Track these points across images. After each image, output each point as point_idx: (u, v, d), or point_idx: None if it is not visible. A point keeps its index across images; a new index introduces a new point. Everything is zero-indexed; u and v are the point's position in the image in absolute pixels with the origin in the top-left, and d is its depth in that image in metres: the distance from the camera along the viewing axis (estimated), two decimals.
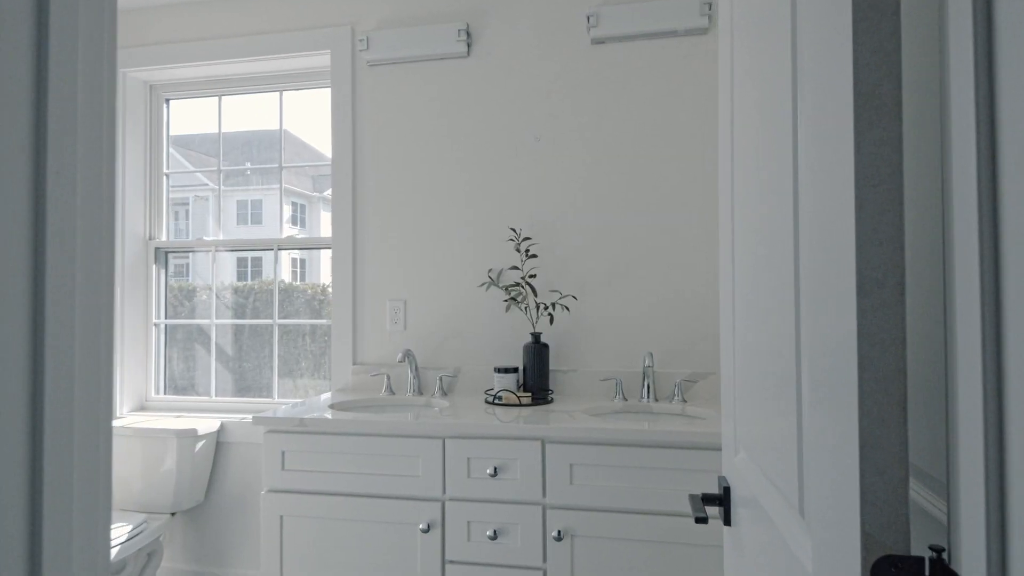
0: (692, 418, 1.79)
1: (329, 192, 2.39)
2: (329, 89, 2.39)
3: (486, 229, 2.20)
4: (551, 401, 1.97)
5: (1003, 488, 0.36)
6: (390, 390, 2.15)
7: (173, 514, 2.28)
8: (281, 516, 1.73)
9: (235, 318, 2.57)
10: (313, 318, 2.51)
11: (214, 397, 2.56)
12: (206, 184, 2.66)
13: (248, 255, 2.61)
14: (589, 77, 2.14)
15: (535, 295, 2.11)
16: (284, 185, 2.55)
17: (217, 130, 2.60)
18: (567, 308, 2.12)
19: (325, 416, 1.76)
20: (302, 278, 2.61)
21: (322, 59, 2.40)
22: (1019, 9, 0.35)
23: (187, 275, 2.65)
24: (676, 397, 1.94)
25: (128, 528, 2.02)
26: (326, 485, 1.71)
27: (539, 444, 1.61)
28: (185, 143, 2.70)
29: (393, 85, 2.29)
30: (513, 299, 2.05)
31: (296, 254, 2.60)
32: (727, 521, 0.95)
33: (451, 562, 1.64)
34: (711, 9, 2.03)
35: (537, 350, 2.00)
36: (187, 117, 2.66)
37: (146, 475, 2.25)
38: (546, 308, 2.08)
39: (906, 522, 0.44)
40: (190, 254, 2.64)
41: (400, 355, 2.07)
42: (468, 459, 1.64)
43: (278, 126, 2.56)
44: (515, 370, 1.98)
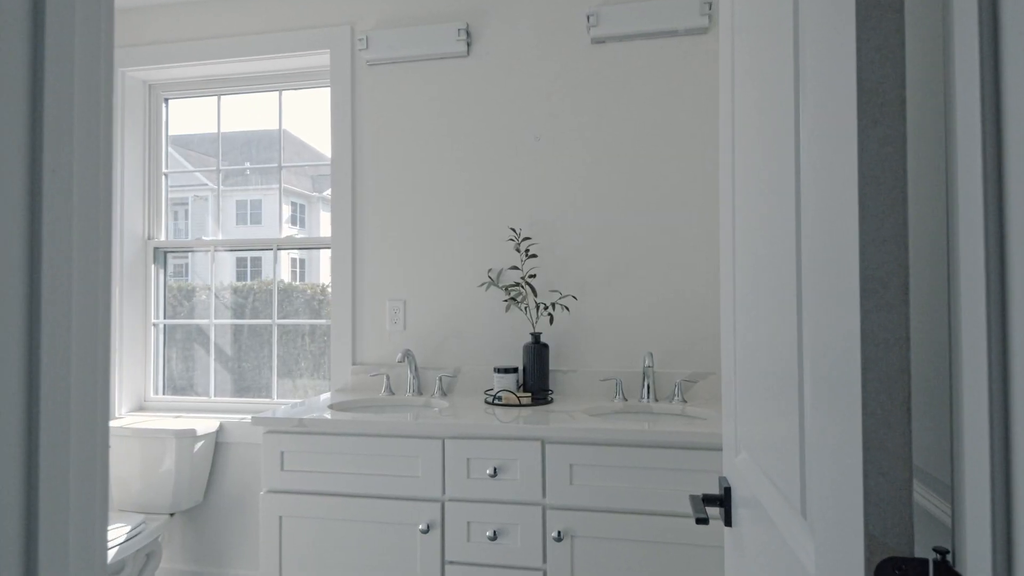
0: (692, 418, 1.78)
1: (328, 192, 2.38)
2: (328, 89, 2.39)
3: (486, 229, 2.20)
4: (551, 401, 1.96)
5: (1009, 489, 0.36)
6: (390, 390, 2.15)
7: (172, 514, 2.27)
8: (280, 517, 1.73)
9: (234, 318, 2.57)
10: (312, 318, 2.51)
11: (213, 397, 2.56)
12: (205, 184, 2.65)
13: (247, 255, 2.61)
14: (589, 77, 2.14)
15: (535, 295, 2.11)
16: (283, 185, 2.55)
17: (216, 130, 2.59)
18: (567, 308, 2.12)
19: (324, 416, 1.75)
20: (301, 278, 2.61)
21: (321, 58, 2.39)
22: None
23: (186, 275, 2.65)
24: (676, 397, 1.93)
25: (127, 529, 2.01)
26: (325, 485, 1.71)
27: (539, 444, 1.60)
28: (184, 143, 2.69)
29: (393, 85, 2.28)
30: (513, 299, 2.05)
31: (295, 254, 2.59)
32: (728, 522, 0.94)
33: (451, 563, 1.63)
34: (711, 9, 2.02)
35: (537, 350, 1.99)
36: (186, 117, 2.65)
37: (145, 475, 2.24)
38: (546, 308, 2.08)
39: (910, 524, 0.43)
40: (189, 254, 2.64)
41: (400, 355, 2.06)
42: (468, 459, 1.63)
43: (277, 126, 2.55)
44: (515, 370, 1.98)
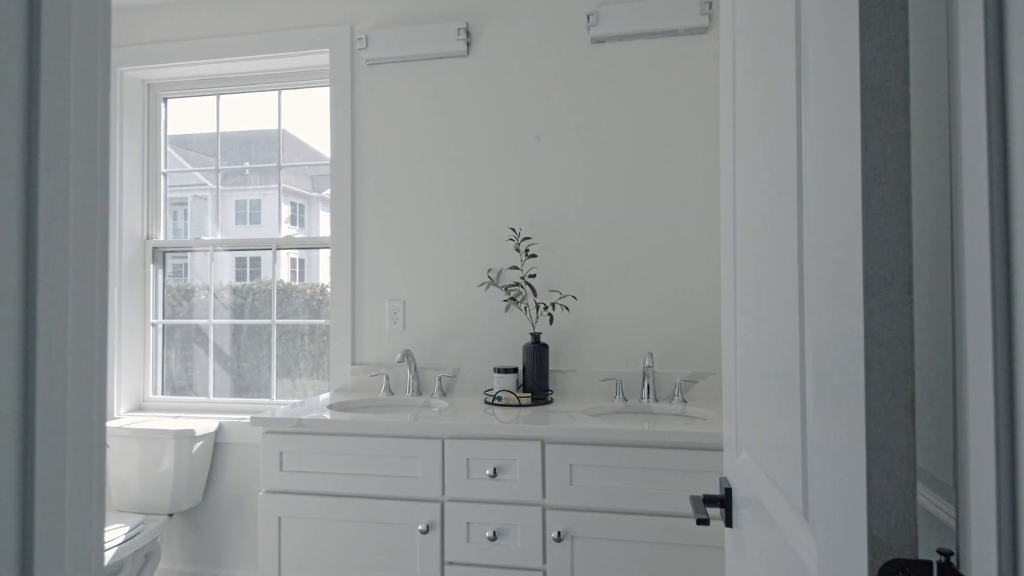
0: (692, 418, 1.78)
1: (328, 192, 2.38)
2: (328, 88, 2.39)
3: (485, 229, 2.20)
4: (551, 401, 1.96)
5: (1014, 490, 0.36)
6: (389, 390, 2.15)
7: (171, 515, 2.27)
8: (279, 517, 1.72)
9: (233, 318, 2.56)
10: (312, 318, 2.50)
11: (212, 397, 2.55)
12: (204, 183, 2.65)
13: (247, 255, 2.60)
14: (589, 76, 2.14)
15: (535, 295, 2.11)
16: (283, 185, 2.55)
17: (215, 129, 2.59)
18: (567, 308, 2.12)
19: (324, 417, 1.75)
20: (301, 278, 2.60)
21: (321, 58, 2.39)
22: None
23: (185, 275, 2.65)
24: (676, 397, 1.93)
25: (125, 529, 2.01)
26: (324, 486, 1.70)
27: (539, 445, 1.60)
28: (183, 142, 2.69)
29: (392, 84, 2.28)
30: (513, 299, 2.05)
31: (295, 254, 2.59)
32: (729, 523, 0.94)
33: (450, 563, 1.63)
34: (711, 8, 2.02)
35: (537, 350, 1.99)
36: (185, 116, 2.65)
37: (144, 476, 2.24)
38: (546, 308, 2.07)
39: (914, 526, 0.43)
40: (188, 254, 2.63)
41: (399, 355, 2.06)
42: (467, 460, 1.63)
43: (277, 125, 2.55)
44: (515, 370, 1.98)
